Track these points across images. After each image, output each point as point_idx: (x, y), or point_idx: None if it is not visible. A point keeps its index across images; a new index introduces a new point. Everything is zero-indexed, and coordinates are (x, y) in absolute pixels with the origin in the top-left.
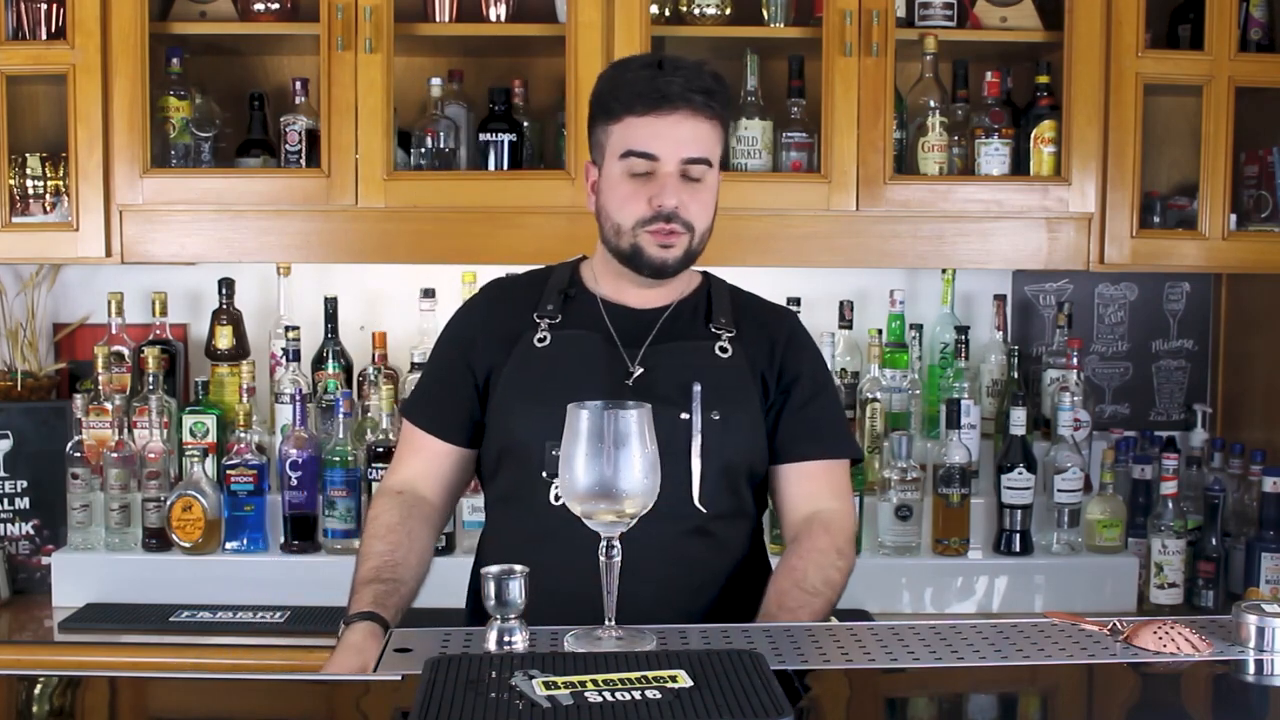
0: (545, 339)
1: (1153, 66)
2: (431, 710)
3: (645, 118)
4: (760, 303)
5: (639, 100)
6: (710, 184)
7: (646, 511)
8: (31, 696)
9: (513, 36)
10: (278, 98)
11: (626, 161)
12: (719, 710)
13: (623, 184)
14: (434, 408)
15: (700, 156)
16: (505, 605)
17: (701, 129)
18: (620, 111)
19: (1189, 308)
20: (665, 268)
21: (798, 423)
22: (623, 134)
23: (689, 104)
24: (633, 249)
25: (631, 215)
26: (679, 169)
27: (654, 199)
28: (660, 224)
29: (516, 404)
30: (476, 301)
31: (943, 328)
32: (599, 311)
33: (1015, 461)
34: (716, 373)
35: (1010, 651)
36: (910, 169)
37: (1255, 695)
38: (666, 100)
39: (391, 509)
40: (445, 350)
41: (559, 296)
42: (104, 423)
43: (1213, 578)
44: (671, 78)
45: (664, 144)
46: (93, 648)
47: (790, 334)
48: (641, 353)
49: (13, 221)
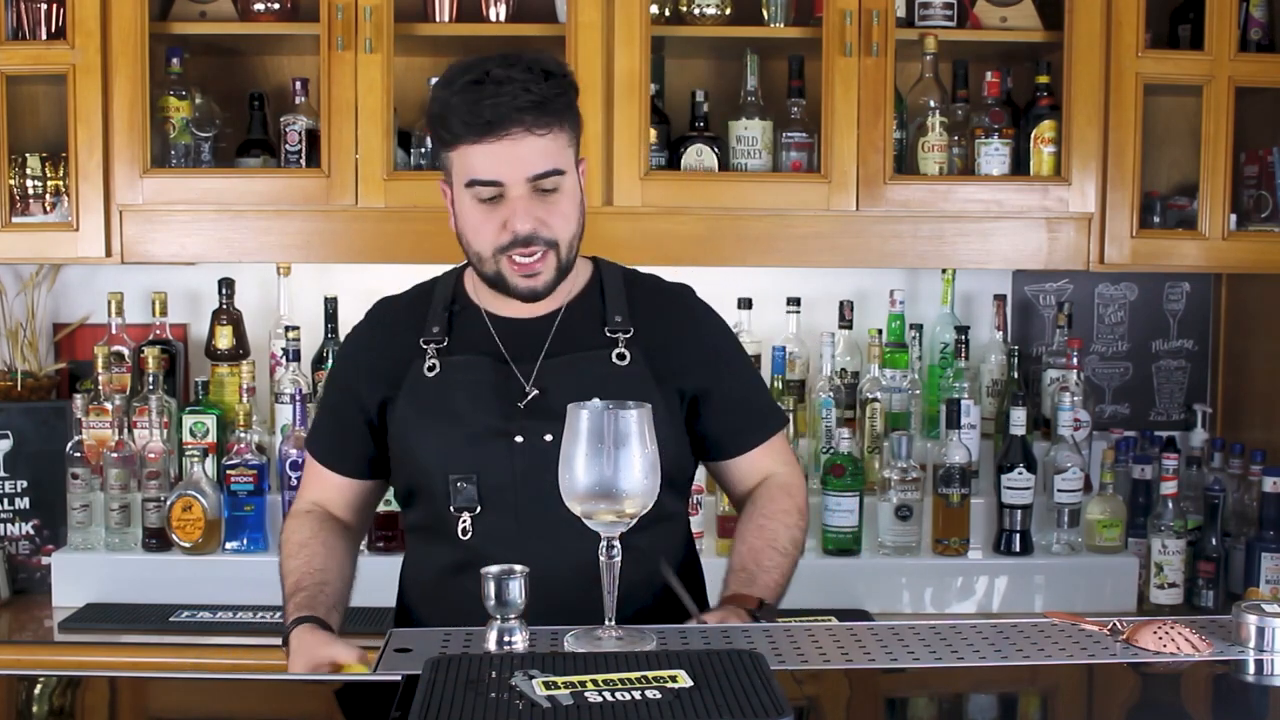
0: (435, 366)
1: (1153, 66)
2: (431, 710)
3: (479, 145)
4: (654, 286)
5: (466, 128)
6: (568, 190)
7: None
8: (31, 696)
9: (513, 36)
10: (278, 98)
11: (472, 190)
12: (719, 710)
13: (474, 211)
14: (330, 442)
15: (547, 170)
16: (505, 605)
17: (540, 144)
18: (452, 139)
19: (1189, 308)
20: (535, 295)
21: (730, 416)
22: (461, 162)
23: (519, 124)
24: (497, 276)
25: (489, 243)
26: (528, 188)
27: (508, 224)
28: (519, 249)
29: (413, 438)
30: (360, 332)
31: (943, 328)
32: (486, 328)
33: (1015, 461)
34: (616, 383)
35: (1010, 651)
36: (910, 169)
37: (1255, 695)
38: (495, 125)
39: (301, 527)
40: (334, 386)
41: (444, 315)
42: (104, 423)
43: (1213, 578)
44: (497, 99)
45: (504, 168)
46: (93, 648)
47: (691, 320)
48: (535, 369)
49: (13, 221)
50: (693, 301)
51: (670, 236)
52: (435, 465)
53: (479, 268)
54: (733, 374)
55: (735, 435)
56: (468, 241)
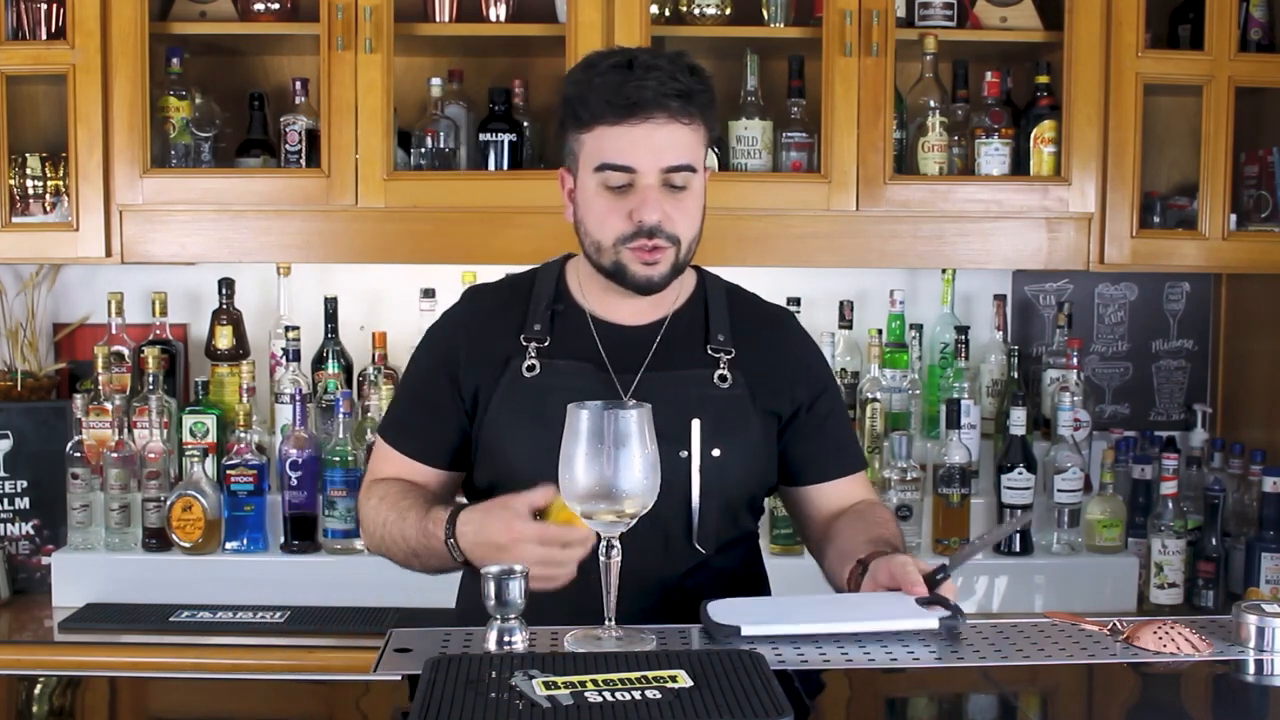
0: (535, 368)
1: (1153, 66)
2: (431, 710)
3: (618, 126)
4: (757, 307)
5: (609, 108)
6: (695, 190)
7: (645, 547)
8: (31, 696)
9: (513, 36)
10: (278, 98)
11: (602, 175)
12: (719, 710)
13: (599, 198)
14: (417, 430)
15: (682, 164)
16: (505, 605)
17: (680, 134)
18: (590, 120)
19: (1189, 308)
20: (652, 285)
21: (821, 443)
22: (595, 144)
23: (664, 110)
24: (615, 266)
25: (611, 232)
26: (660, 179)
27: (634, 214)
28: (642, 240)
29: (508, 440)
30: (457, 315)
31: (943, 328)
32: (589, 332)
33: (1015, 461)
34: (716, 405)
35: (1010, 651)
36: (910, 169)
37: (1255, 695)
38: (639, 108)
39: (387, 487)
40: (427, 367)
41: (546, 314)
42: (104, 423)
43: (1213, 578)
44: (644, 81)
45: (640, 155)
46: (93, 648)
47: (794, 347)
48: (636, 381)
49: (13, 221)
50: (793, 326)
51: None
52: (525, 469)
53: (596, 258)
54: (829, 405)
55: (823, 461)
56: (588, 230)
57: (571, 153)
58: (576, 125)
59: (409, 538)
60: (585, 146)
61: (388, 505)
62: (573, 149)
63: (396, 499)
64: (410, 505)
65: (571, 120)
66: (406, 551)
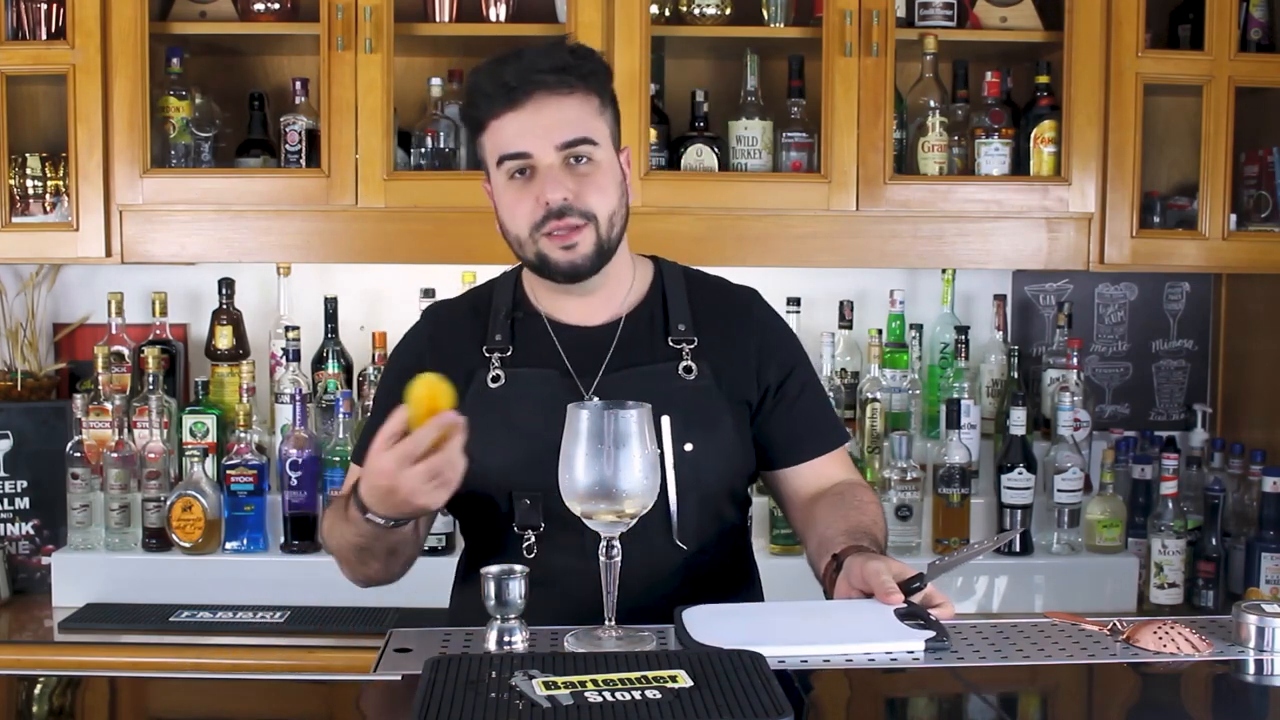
0: (499, 378)
1: (1153, 66)
2: (431, 710)
3: (505, 115)
4: (718, 291)
5: (490, 100)
6: (604, 164)
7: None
8: (31, 696)
9: (513, 36)
10: (278, 98)
11: (504, 168)
12: (719, 710)
13: (507, 192)
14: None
15: (576, 137)
16: (505, 605)
17: (568, 108)
18: (481, 117)
19: (1189, 308)
20: (576, 269)
21: (792, 424)
22: (492, 140)
23: (542, 86)
24: (539, 258)
25: (524, 221)
26: (559, 159)
27: (539, 197)
28: (553, 222)
29: (476, 452)
30: (419, 333)
31: (943, 328)
32: (549, 337)
33: (1015, 461)
34: (684, 398)
35: (1010, 651)
36: (910, 169)
37: (1255, 695)
38: (518, 90)
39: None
40: (392, 387)
41: (506, 323)
42: (104, 423)
43: (1213, 578)
44: (518, 66)
45: (531, 138)
46: (93, 648)
47: (759, 326)
48: (596, 383)
49: (13, 221)
50: (757, 305)
51: (670, 236)
52: (499, 482)
53: (521, 254)
54: (801, 382)
55: (796, 442)
56: (506, 227)
57: (481, 160)
58: (475, 129)
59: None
60: (485, 147)
61: (331, 517)
62: (481, 155)
63: (337, 507)
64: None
65: (471, 126)
66: (357, 550)
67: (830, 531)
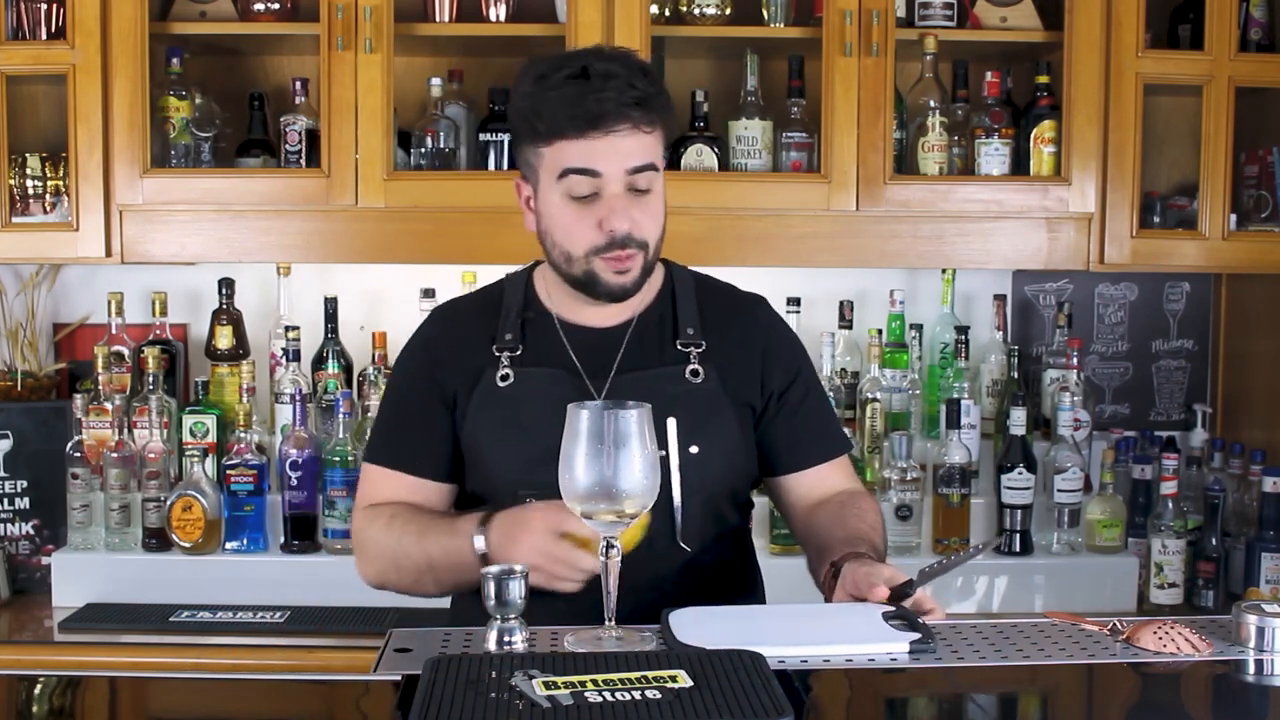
0: (508, 377)
1: (1153, 66)
2: (431, 710)
3: (580, 140)
4: (727, 296)
5: (569, 122)
6: (658, 190)
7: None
8: (31, 696)
9: (513, 36)
10: (278, 98)
11: (566, 182)
12: (719, 710)
13: (565, 209)
14: (411, 445)
15: (645, 163)
16: (505, 605)
17: (643, 139)
18: (549, 134)
19: (1189, 308)
20: (625, 293)
21: (794, 430)
22: (556, 156)
23: (626, 119)
24: (587, 276)
25: (583, 243)
26: (625, 183)
27: (604, 223)
28: (616, 250)
29: (483, 449)
30: (430, 331)
31: (943, 328)
32: (559, 338)
33: (1015, 461)
34: (690, 401)
35: (1010, 651)
36: (910, 169)
37: (1255, 695)
38: (601, 120)
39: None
40: (408, 383)
41: (516, 322)
42: (104, 423)
43: (1213, 578)
44: (602, 93)
45: (606, 160)
46: (93, 648)
47: (764, 333)
48: (607, 385)
49: (13, 221)
50: (763, 312)
51: (670, 236)
52: (504, 479)
53: (565, 268)
54: (805, 389)
55: (798, 449)
56: (556, 241)
57: (529, 164)
58: (534, 139)
59: (429, 550)
60: (545, 159)
61: (401, 523)
62: (530, 160)
63: (412, 516)
64: (432, 518)
65: (528, 134)
66: (421, 567)
67: (829, 540)
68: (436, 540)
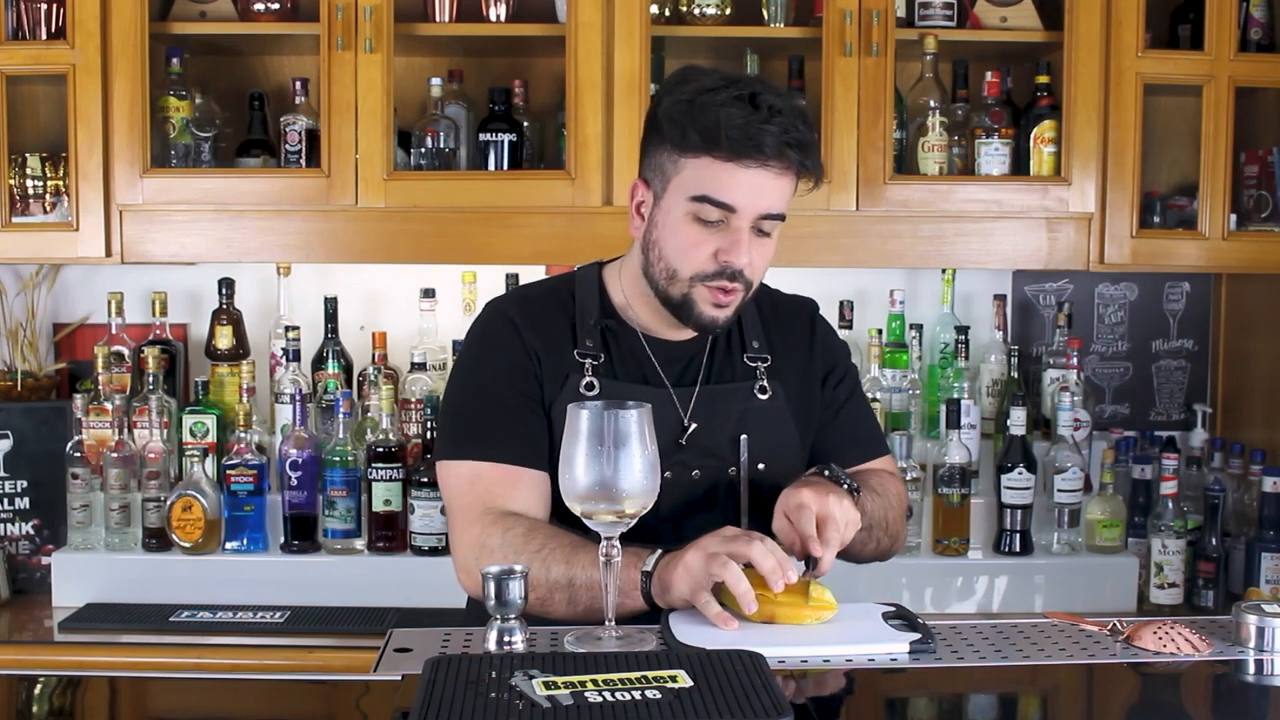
0: (594, 386)
1: (1153, 66)
2: (431, 710)
3: (731, 164)
4: (781, 302)
5: (730, 144)
6: (775, 237)
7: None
8: (31, 696)
9: (513, 36)
10: (278, 98)
11: (697, 205)
12: (719, 710)
13: (687, 228)
14: (525, 439)
15: (779, 212)
16: (505, 605)
17: (786, 184)
18: (700, 147)
19: (1189, 308)
20: (716, 326)
21: (836, 432)
22: (696, 173)
23: (784, 159)
24: (684, 300)
25: (693, 266)
26: (753, 223)
27: (721, 254)
28: (724, 281)
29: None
30: (516, 317)
31: (943, 328)
32: (642, 348)
33: (1015, 461)
34: (759, 419)
35: (1010, 651)
36: (910, 169)
37: (1255, 695)
38: (761, 151)
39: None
40: (498, 372)
41: (596, 329)
42: (104, 423)
43: (1213, 578)
44: (768, 125)
45: (745, 196)
46: (93, 648)
47: (818, 343)
48: (695, 398)
49: (13, 221)
50: (818, 320)
51: None
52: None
53: (663, 285)
54: (844, 391)
55: (836, 452)
56: (664, 255)
57: (660, 170)
58: (681, 148)
59: (573, 571)
60: (684, 171)
61: (544, 537)
62: (663, 167)
63: (554, 532)
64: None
65: (676, 140)
66: (559, 584)
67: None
68: (588, 558)
